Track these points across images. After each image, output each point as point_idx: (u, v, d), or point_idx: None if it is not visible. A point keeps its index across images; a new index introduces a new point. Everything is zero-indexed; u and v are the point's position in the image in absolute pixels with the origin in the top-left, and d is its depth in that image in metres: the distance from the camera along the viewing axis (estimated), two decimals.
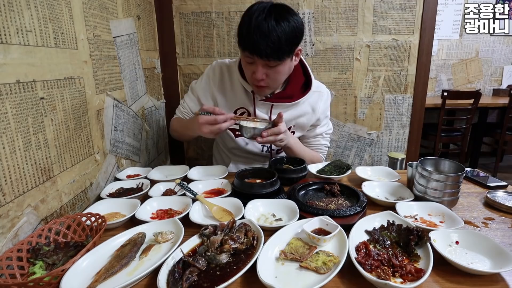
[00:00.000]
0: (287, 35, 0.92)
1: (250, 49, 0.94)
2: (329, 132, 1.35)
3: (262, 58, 0.94)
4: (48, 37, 0.75)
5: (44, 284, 0.53)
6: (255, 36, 0.90)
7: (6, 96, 0.63)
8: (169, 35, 1.63)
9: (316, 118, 1.26)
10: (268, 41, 0.90)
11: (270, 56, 0.93)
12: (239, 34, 0.97)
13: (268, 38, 0.90)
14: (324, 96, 1.26)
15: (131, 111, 1.24)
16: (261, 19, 0.90)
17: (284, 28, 0.91)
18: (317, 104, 1.24)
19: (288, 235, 0.70)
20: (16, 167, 0.65)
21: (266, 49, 0.91)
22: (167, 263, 0.58)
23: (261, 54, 0.93)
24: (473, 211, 0.85)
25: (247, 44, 0.94)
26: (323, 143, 1.34)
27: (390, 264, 0.59)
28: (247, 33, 0.92)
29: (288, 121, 1.24)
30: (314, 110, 1.24)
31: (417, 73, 1.69)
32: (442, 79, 3.80)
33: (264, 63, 0.97)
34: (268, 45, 0.91)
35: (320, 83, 1.29)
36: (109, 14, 1.07)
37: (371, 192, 0.92)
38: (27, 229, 0.68)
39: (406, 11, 1.61)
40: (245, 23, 0.94)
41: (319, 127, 1.30)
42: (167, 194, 0.94)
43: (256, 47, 0.92)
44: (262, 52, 0.92)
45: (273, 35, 0.90)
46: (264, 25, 0.90)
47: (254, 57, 0.95)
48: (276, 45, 0.91)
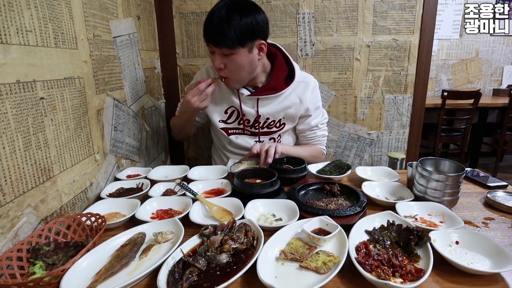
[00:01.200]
0: (236, 24, 1.00)
1: (205, 37, 1.05)
2: (324, 122, 1.36)
3: (215, 45, 1.03)
4: (48, 37, 0.75)
5: (44, 284, 0.53)
6: (207, 25, 1.03)
7: (6, 96, 0.63)
8: (169, 35, 1.63)
9: (304, 108, 1.26)
10: (215, 28, 1.01)
11: (217, 42, 1.02)
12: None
13: (216, 25, 1.01)
14: (311, 85, 1.27)
15: (131, 111, 1.24)
16: (214, 10, 1.02)
17: (234, 18, 1.00)
18: (304, 95, 1.25)
19: (288, 235, 0.70)
20: (16, 167, 0.65)
21: (215, 35, 1.01)
22: (167, 263, 0.58)
23: (209, 40, 1.03)
24: (473, 211, 0.85)
25: (204, 32, 1.04)
26: (320, 133, 1.35)
27: (390, 264, 0.59)
28: (206, 22, 1.03)
29: (276, 113, 1.27)
30: (301, 100, 1.25)
31: (417, 73, 1.69)
32: (442, 79, 3.80)
33: (219, 51, 1.05)
34: (216, 30, 1.01)
35: (307, 74, 1.31)
36: (109, 14, 1.07)
37: (371, 192, 0.92)
38: (27, 229, 0.68)
39: (406, 11, 1.61)
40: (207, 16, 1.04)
41: (312, 119, 1.31)
42: (167, 194, 0.94)
43: (208, 34, 1.03)
44: (210, 37, 1.03)
45: (220, 21, 1.00)
46: (215, 16, 1.01)
47: (210, 46, 1.05)
48: (222, 30, 1.00)
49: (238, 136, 1.32)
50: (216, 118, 1.29)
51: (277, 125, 1.30)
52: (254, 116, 1.26)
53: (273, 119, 1.28)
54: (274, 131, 1.31)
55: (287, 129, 1.33)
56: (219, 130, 1.31)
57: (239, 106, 1.24)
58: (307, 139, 1.35)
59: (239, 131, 1.32)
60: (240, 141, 1.31)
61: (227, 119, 1.29)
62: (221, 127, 1.30)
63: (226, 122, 1.30)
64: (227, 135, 1.31)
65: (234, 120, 1.29)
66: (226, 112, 1.28)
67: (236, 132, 1.32)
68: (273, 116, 1.27)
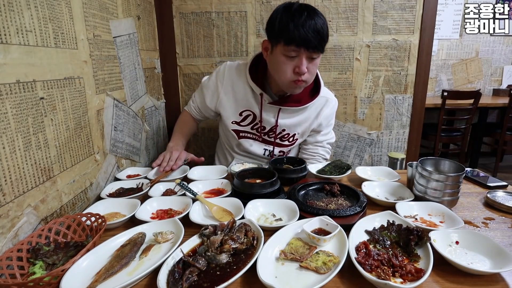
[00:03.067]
0: (326, 28, 1.01)
1: (297, 42, 0.98)
2: (330, 141, 1.33)
3: (308, 49, 0.99)
4: (48, 37, 0.75)
5: (44, 284, 0.53)
6: (305, 29, 0.97)
7: (6, 96, 0.63)
8: (169, 35, 1.63)
9: (318, 123, 1.25)
10: (316, 32, 0.98)
11: (316, 47, 0.99)
12: (283, 30, 0.99)
13: (316, 29, 0.98)
14: (331, 103, 1.26)
15: (131, 111, 1.24)
16: (306, 15, 0.98)
17: (324, 21, 1.01)
18: (322, 109, 1.24)
19: (288, 235, 0.70)
20: (16, 167, 0.65)
21: (315, 39, 0.98)
22: (167, 263, 0.58)
23: (309, 46, 0.98)
24: (473, 211, 0.85)
25: (295, 37, 0.98)
26: (322, 152, 1.32)
27: (390, 264, 0.59)
28: (295, 27, 0.97)
29: (293, 127, 1.23)
30: (318, 115, 1.24)
31: (417, 73, 1.69)
32: (442, 79, 3.80)
33: (308, 55, 1.02)
34: (315, 36, 0.98)
35: (329, 91, 1.29)
36: (109, 14, 1.07)
37: (371, 192, 0.92)
38: (27, 229, 0.68)
39: (406, 11, 1.61)
40: (287, 20, 0.99)
41: (321, 135, 1.29)
42: (167, 194, 0.94)
43: (305, 39, 0.97)
44: (311, 43, 0.98)
45: (319, 27, 0.98)
46: (310, 20, 0.98)
47: (301, 50, 1.00)
48: (321, 36, 0.99)
49: (249, 140, 1.28)
50: (229, 118, 1.25)
51: (290, 139, 1.27)
52: (272, 125, 1.23)
53: (288, 132, 1.25)
54: (286, 145, 1.28)
55: (297, 144, 1.31)
56: (229, 131, 1.27)
57: (259, 112, 1.21)
58: (307, 153, 1.32)
59: (251, 135, 1.27)
60: (249, 146, 1.28)
61: (241, 121, 1.25)
62: (233, 128, 1.26)
63: (239, 124, 1.26)
64: (237, 138, 1.27)
65: (248, 123, 1.25)
66: (240, 115, 1.24)
67: (247, 136, 1.28)
68: (289, 129, 1.24)
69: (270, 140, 1.27)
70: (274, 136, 1.26)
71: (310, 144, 1.31)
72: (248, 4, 1.59)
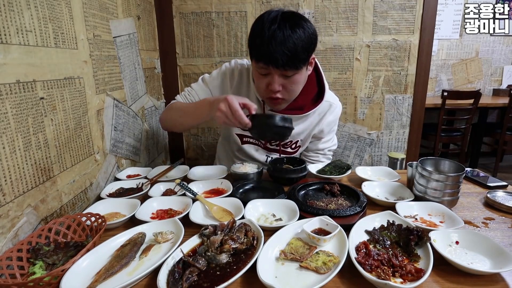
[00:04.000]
0: (303, 41, 0.89)
1: (265, 59, 0.90)
2: (332, 148, 1.29)
3: (278, 67, 0.90)
4: (48, 37, 0.75)
5: (44, 284, 0.53)
6: (271, 46, 0.87)
7: (6, 96, 0.63)
8: (169, 35, 1.63)
9: (319, 129, 1.20)
10: (285, 49, 0.87)
11: (286, 64, 0.89)
12: (252, 45, 0.93)
13: (285, 45, 0.87)
14: (335, 109, 1.20)
15: (131, 111, 1.24)
16: (275, 28, 0.87)
17: (300, 35, 0.88)
18: (325, 115, 1.18)
19: (288, 235, 0.69)
20: (16, 167, 0.65)
21: (283, 58, 0.87)
22: (167, 263, 0.58)
23: (277, 64, 0.89)
24: (473, 211, 0.85)
25: (262, 54, 0.90)
26: (322, 160, 1.27)
27: (390, 264, 0.59)
28: (261, 43, 0.89)
29: (296, 135, 1.19)
30: (320, 120, 1.19)
31: (417, 73, 1.69)
32: (442, 79, 3.80)
33: (280, 73, 0.94)
34: (284, 53, 0.87)
35: (334, 96, 1.22)
36: (109, 14, 1.07)
37: (371, 192, 0.92)
38: (27, 229, 0.68)
39: (406, 11, 1.61)
40: (257, 33, 0.90)
41: (322, 142, 1.24)
42: (167, 194, 0.94)
43: (272, 56, 0.88)
44: (279, 61, 0.88)
45: (289, 42, 0.87)
46: (279, 33, 0.87)
47: (270, 68, 0.92)
48: (293, 52, 0.88)
49: (252, 146, 1.23)
50: None
51: (293, 147, 1.23)
52: None
53: (291, 140, 1.21)
54: (289, 152, 1.24)
55: (299, 152, 1.27)
56: (232, 135, 1.23)
57: None
58: (308, 160, 1.28)
59: (253, 141, 1.23)
60: (252, 152, 1.24)
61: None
62: (237, 132, 1.22)
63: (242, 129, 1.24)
64: (240, 143, 1.23)
65: None
66: None
67: (250, 142, 1.23)
68: (292, 136, 1.18)
69: (272, 147, 1.23)
70: (277, 144, 1.22)
71: (311, 151, 1.27)
72: (248, 4, 1.59)
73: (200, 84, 1.18)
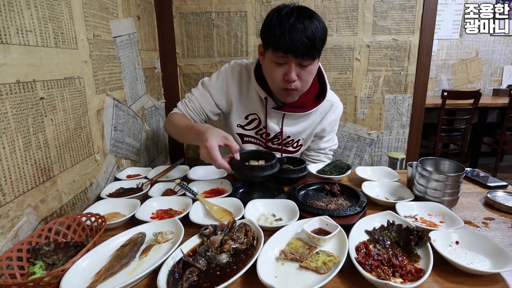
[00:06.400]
0: (320, 32, 0.93)
1: (285, 48, 0.91)
2: (333, 148, 1.30)
3: (297, 56, 0.92)
4: (48, 37, 0.75)
5: (44, 284, 0.53)
6: (292, 34, 0.89)
7: (6, 96, 0.63)
8: (169, 35, 1.63)
9: (321, 128, 1.21)
10: (305, 38, 0.90)
11: (305, 53, 0.92)
12: (270, 35, 0.94)
13: (305, 34, 0.90)
14: (337, 108, 1.21)
15: (131, 111, 1.24)
16: (294, 18, 0.91)
17: (317, 25, 0.92)
18: (327, 114, 1.19)
19: (288, 235, 0.69)
20: (16, 167, 0.65)
21: (302, 46, 0.90)
22: (167, 263, 0.58)
23: (297, 52, 0.91)
24: (473, 211, 0.85)
25: (282, 43, 0.91)
26: (323, 160, 1.28)
27: (390, 264, 0.59)
28: (281, 32, 0.91)
29: (298, 133, 1.19)
30: (322, 119, 1.19)
31: (417, 73, 1.69)
32: (442, 79, 3.80)
33: (297, 63, 0.95)
34: (304, 42, 0.90)
35: (335, 95, 1.24)
36: (109, 14, 1.07)
37: (371, 192, 0.92)
38: (27, 229, 0.68)
39: (406, 11, 1.61)
40: (275, 23, 0.92)
41: (323, 142, 1.25)
42: (167, 194, 0.94)
43: (293, 45, 0.90)
44: (299, 50, 0.91)
45: (308, 31, 0.90)
46: (299, 24, 0.90)
47: (289, 57, 0.93)
48: (312, 41, 0.91)
49: (253, 145, 1.23)
50: (235, 121, 1.19)
51: (294, 146, 1.23)
52: (276, 132, 1.18)
53: (293, 139, 1.21)
54: (290, 151, 1.24)
55: (301, 151, 1.27)
56: (233, 134, 1.21)
57: (264, 117, 1.16)
58: (309, 159, 1.29)
59: (255, 140, 1.23)
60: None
61: (246, 125, 1.20)
62: (238, 132, 1.21)
63: (243, 127, 1.20)
64: (241, 142, 1.22)
65: (252, 128, 1.20)
66: (246, 118, 1.18)
67: (251, 141, 1.23)
68: (294, 135, 1.20)
69: (274, 146, 1.23)
70: (279, 143, 1.21)
71: (313, 150, 1.28)
72: (248, 4, 1.59)
73: (200, 89, 1.18)
